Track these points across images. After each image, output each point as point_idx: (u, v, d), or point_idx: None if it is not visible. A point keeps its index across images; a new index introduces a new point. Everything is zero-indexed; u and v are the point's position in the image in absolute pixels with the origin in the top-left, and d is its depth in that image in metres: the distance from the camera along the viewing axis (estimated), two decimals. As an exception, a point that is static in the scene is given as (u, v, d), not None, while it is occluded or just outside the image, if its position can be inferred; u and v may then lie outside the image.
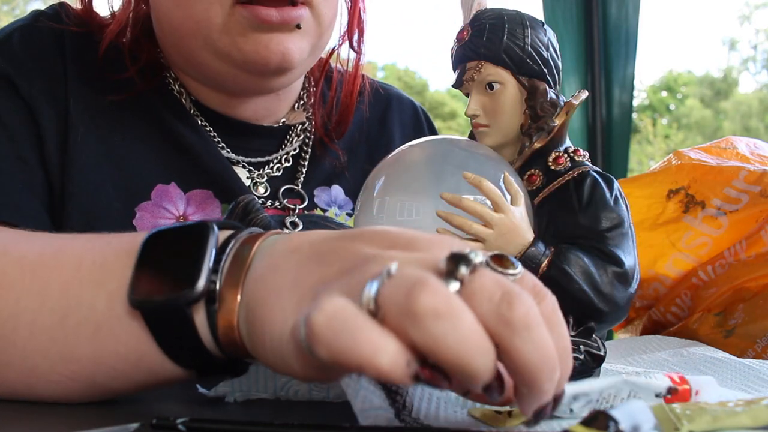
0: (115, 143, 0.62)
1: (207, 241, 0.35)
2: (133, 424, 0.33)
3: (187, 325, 0.35)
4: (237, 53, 0.59)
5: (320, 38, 0.62)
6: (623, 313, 0.47)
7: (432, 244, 0.31)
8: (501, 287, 0.27)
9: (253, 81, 0.63)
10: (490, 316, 0.26)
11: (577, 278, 0.45)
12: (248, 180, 0.67)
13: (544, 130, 0.48)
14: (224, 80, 0.63)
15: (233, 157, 0.67)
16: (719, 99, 11.35)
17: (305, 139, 0.71)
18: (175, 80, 0.66)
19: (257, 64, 0.59)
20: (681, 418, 0.30)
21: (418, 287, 0.25)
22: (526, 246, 0.45)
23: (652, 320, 0.76)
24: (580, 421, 0.26)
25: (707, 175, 0.71)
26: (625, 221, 0.47)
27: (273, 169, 0.69)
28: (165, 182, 0.63)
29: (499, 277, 0.27)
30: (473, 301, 0.26)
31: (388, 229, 0.33)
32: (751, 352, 0.63)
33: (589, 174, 0.48)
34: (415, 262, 0.29)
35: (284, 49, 0.58)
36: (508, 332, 0.26)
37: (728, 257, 0.69)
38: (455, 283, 0.27)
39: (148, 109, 0.64)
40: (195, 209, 0.63)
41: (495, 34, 0.49)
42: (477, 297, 0.26)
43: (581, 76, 2.17)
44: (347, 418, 0.36)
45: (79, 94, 0.61)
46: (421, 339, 0.25)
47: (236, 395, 0.41)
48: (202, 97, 0.67)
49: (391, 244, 0.32)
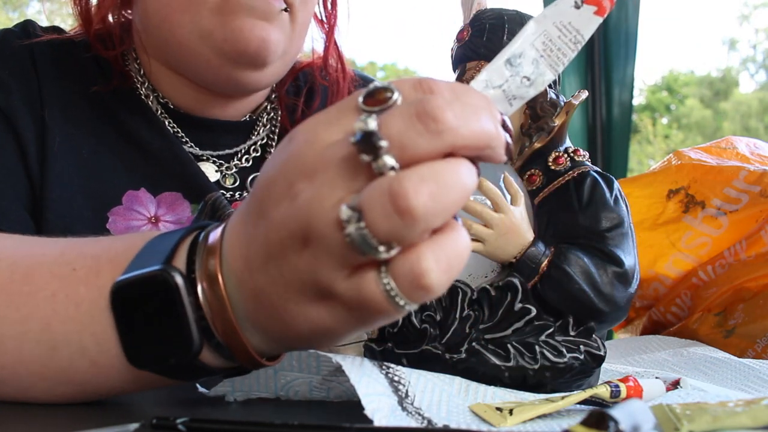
0: (84, 153, 0.64)
1: (179, 297, 0.34)
2: (133, 424, 0.33)
3: (197, 366, 0.36)
4: (220, 32, 0.60)
5: (292, 43, 0.65)
6: (623, 313, 0.47)
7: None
8: (410, 116, 0.28)
9: (227, 71, 0.63)
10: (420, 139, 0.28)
11: (577, 278, 0.45)
12: (217, 174, 0.68)
13: (544, 130, 0.49)
14: (198, 67, 0.64)
15: (199, 153, 0.68)
16: (719, 99, 11.35)
17: (272, 128, 0.73)
18: (143, 83, 0.68)
19: (238, 45, 0.60)
20: (681, 418, 0.30)
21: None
22: (526, 246, 0.45)
23: (652, 320, 0.76)
24: (580, 421, 0.26)
25: (707, 175, 0.71)
26: (625, 221, 0.47)
27: (242, 161, 0.70)
28: (134, 188, 0.64)
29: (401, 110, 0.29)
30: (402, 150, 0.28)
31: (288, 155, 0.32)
32: (751, 352, 0.63)
33: (589, 174, 0.48)
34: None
35: (265, 36, 0.60)
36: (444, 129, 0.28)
37: (728, 257, 0.69)
38: (382, 144, 0.28)
39: (115, 119, 0.66)
40: (166, 210, 0.65)
41: (495, 34, 0.49)
42: (400, 140, 0.28)
43: (581, 76, 2.17)
44: (347, 418, 0.36)
45: (53, 105, 0.64)
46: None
47: (236, 395, 0.41)
48: (172, 94, 0.68)
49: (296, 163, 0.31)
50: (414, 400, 0.35)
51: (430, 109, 0.28)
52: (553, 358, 0.42)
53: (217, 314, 0.34)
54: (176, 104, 0.68)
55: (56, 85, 0.64)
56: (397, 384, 0.36)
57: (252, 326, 0.35)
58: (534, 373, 0.42)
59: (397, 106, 0.29)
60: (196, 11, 0.60)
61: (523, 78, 0.35)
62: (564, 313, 0.45)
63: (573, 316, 0.45)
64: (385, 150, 0.28)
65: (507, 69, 0.34)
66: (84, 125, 0.64)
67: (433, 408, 0.35)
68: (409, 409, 0.34)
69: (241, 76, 0.64)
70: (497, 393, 0.40)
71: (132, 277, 0.35)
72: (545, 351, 0.43)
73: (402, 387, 0.36)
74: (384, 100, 0.29)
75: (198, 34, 0.61)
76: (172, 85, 0.68)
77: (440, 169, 0.28)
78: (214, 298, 0.34)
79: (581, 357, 0.43)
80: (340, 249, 0.29)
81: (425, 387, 0.37)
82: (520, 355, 0.42)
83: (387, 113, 0.29)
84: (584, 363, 0.43)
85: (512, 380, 0.42)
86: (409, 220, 0.27)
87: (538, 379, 0.42)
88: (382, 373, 0.37)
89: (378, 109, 0.29)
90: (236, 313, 0.34)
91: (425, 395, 0.36)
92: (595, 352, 0.44)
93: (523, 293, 0.44)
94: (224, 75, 0.64)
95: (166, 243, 0.36)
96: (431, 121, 0.28)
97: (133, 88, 0.67)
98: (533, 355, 0.42)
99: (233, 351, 0.35)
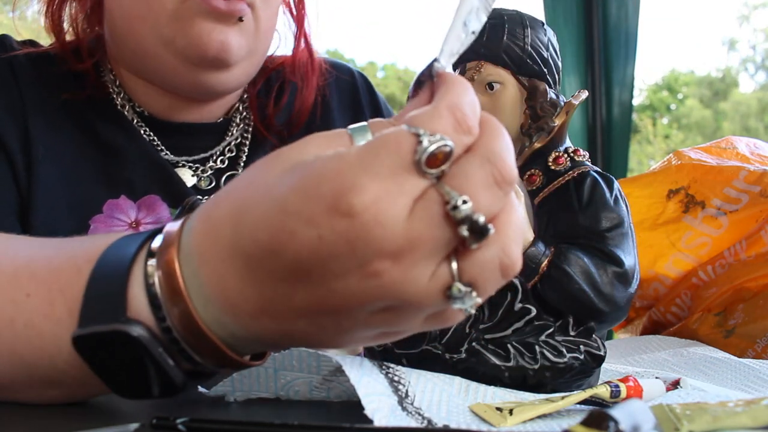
0: (66, 163, 0.65)
1: (146, 348, 0.32)
2: (133, 424, 0.33)
3: (189, 385, 0.35)
4: (181, 39, 0.61)
5: (257, 41, 0.65)
6: (623, 313, 0.47)
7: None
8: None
9: (192, 75, 0.64)
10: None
11: (577, 278, 0.45)
12: (194, 178, 0.70)
13: (544, 130, 0.48)
14: (164, 73, 0.65)
15: (175, 159, 0.69)
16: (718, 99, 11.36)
17: (245, 128, 0.74)
18: (119, 93, 0.69)
19: (198, 50, 0.61)
20: (681, 418, 0.30)
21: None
22: (526, 246, 0.45)
23: (652, 320, 0.76)
24: (580, 421, 0.26)
25: (707, 175, 0.71)
26: (625, 221, 0.47)
27: (217, 162, 0.71)
28: (114, 196, 0.66)
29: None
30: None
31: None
32: (751, 352, 0.63)
33: (589, 174, 0.48)
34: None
35: (224, 39, 0.61)
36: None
37: (728, 257, 0.69)
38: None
39: (94, 129, 0.67)
40: (146, 213, 0.66)
41: (495, 34, 0.49)
42: (489, 209, 0.29)
43: (581, 76, 2.17)
44: (347, 418, 0.36)
45: (35, 116, 0.65)
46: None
47: (236, 395, 0.41)
48: (147, 103, 0.69)
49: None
50: (414, 400, 0.35)
51: (507, 174, 0.29)
52: (553, 358, 0.42)
53: (193, 340, 0.32)
54: (151, 112, 0.70)
55: (37, 96, 0.66)
56: (397, 384, 0.36)
57: (243, 338, 0.33)
58: (534, 373, 0.42)
59: (473, 173, 0.29)
60: (156, 20, 0.61)
61: (472, 33, 0.34)
62: (564, 313, 0.45)
63: (573, 316, 0.45)
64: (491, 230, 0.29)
65: (462, 31, 0.34)
66: (65, 135, 0.66)
67: (433, 408, 0.35)
68: (409, 409, 0.34)
69: (208, 79, 0.65)
70: (497, 393, 0.40)
71: (90, 332, 0.33)
72: (545, 351, 0.43)
73: (402, 387, 0.36)
74: (442, 158, 0.29)
75: (160, 42, 0.62)
76: (146, 94, 0.69)
77: (517, 222, 0.31)
78: (184, 325, 0.32)
79: (581, 357, 0.43)
80: (437, 310, 0.31)
81: (425, 387, 0.37)
82: (520, 355, 0.42)
83: (470, 183, 0.29)
84: (584, 363, 0.43)
85: (512, 380, 0.42)
86: (508, 277, 0.31)
87: (538, 379, 0.42)
88: (382, 373, 0.37)
89: (439, 171, 0.29)
90: (216, 332, 0.33)
91: (425, 395, 0.36)
92: (595, 352, 0.44)
93: (523, 293, 0.44)
94: (191, 79, 0.65)
95: (114, 276, 0.33)
96: (508, 185, 0.30)
97: (110, 98, 0.69)
98: (533, 355, 0.42)
99: (220, 363, 0.34)
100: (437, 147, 0.28)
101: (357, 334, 0.32)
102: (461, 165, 0.29)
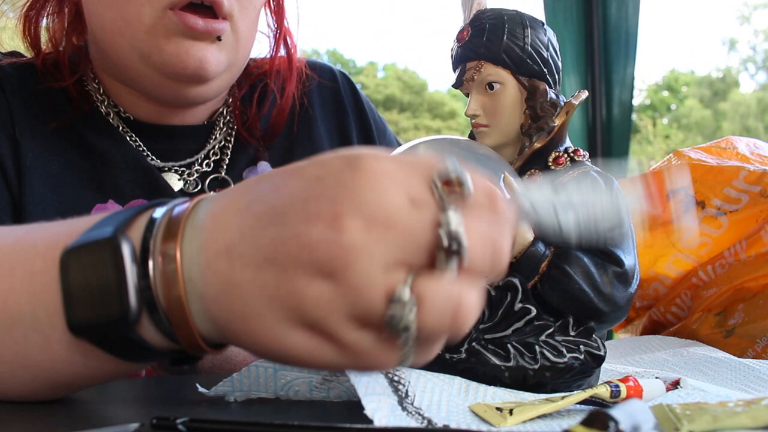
0: (54, 170, 0.65)
1: (121, 261, 0.33)
2: (133, 424, 0.33)
3: (135, 340, 0.34)
4: (158, 55, 0.61)
5: (237, 53, 0.66)
6: (623, 313, 0.47)
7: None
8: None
9: (172, 88, 0.65)
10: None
11: (577, 278, 0.45)
12: (180, 182, 0.70)
13: (544, 130, 0.48)
14: (145, 85, 0.66)
15: (161, 165, 0.70)
16: (718, 99, 11.36)
17: (228, 131, 0.74)
18: (103, 101, 0.70)
19: (175, 68, 0.61)
20: (681, 418, 0.30)
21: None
22: (526, 246, 0.45)
23: (652, 320, 0.76)
24: (580, 421, 0.26)
25: (707, 175, 0.71)
26: (625, 221, 0.47)
27: (203, 165, 0.72)
28: (102, 201, 0.66)
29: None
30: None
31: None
32: (751, 352, 0.63)
33: (589, 174, 0.48)
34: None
35: (202, 57, 0.61)
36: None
37: (728, 257, 0.69)
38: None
39: (80, 136, 0.68)
40: None
41: (495, 34, 0.48)
42: (472, 259, 0.30)
43: (581, 76, 2.17)
44: (347, 418, 0.36)
45: (23, 124, 0.66)
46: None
47: (236, 395, 0.41)
48: (132, 108, 0.70)
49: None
50: (414, 400, 0.35)
51: (500, 252, 0.31)
52: (553, 358, 0.42)
53: (166, 288, 0.33)
54: (137, 117, 0.70)
55: (24, 105, 0.66)
56: (397, 384, 0.36)
57: (204, 313, 0.33)
58: (534, 373, 0.42)
59: (478, 228, 0.30)
60: (133, 35, 0.61)
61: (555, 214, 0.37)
62: (564, 313, 0.45)
63: (573, 316, 0.45)
64: (464, 258, 0.29)
65: (553, 212, 0.37)
66: (52, 142, 0.66)
67: (433, 408, 0.35)
68: (409, 409, 0.34)
69: (188, 92, 0.65)
70: (497, 393, 0.40)
71: (81, 241, 0.35)
72: (545, 351, 0.43)
73: (402, 387, 0.36)
74: (458, 187, 0.30)
75: (138, 56, 0.62)
76: (131, 101, 0.70)
77: (477, 291, 0.31)
78: (166, 271, 0.33)
79: (581, 357, 0.43)
80: (369, 312, 0.29)
81: (425, 387, 0.37)
82: (520, 355, 0.42)
83: (475, 233, 0.30)
84: (584, 363, 0.43)
85: (512, 380, 0.42)
86: (458, 329, 0.30)
87: (538, 379, 0.42)
88: (381, 372, 0.37)
89: (446, 193, 0.30)
90: (189, 294, 0.33)
91: (425, 395, 0.36)
92: (595, 352, 0.44)
93: (523, 293, 0.44)
94: (171, 91, 0.65)
95: (126, 213, 0.36)
96: (500, 263, 0.31)
97: (95, 106, 0.69)
98: (533, 355, 0.42)
99: (176, 331, 0.33)
100: (459, 175, 0.30)
101: (282, 326, 0.31)
102: (471, 212, 0.31)
